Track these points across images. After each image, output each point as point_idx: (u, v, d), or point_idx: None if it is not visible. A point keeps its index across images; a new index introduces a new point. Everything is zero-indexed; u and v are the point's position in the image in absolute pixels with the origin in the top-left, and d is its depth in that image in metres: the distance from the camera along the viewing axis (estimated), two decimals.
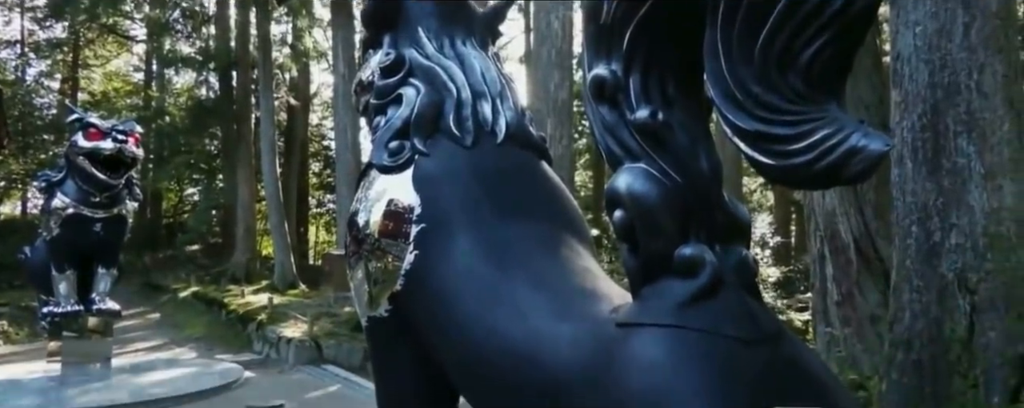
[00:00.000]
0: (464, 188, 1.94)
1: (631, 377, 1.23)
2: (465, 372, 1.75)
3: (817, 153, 1.06)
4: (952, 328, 3.82)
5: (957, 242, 3.93)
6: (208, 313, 12.70)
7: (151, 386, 6.73)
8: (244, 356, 8.98)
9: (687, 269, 1.28)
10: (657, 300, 1.31)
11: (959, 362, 3.74)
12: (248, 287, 14.33)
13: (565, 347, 1.43)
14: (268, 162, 15.92)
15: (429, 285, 1.85)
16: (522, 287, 1.68)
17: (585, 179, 21.41)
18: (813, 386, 1.27)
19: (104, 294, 7.34)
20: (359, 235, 2.07)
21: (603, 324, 1.41)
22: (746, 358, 1.22)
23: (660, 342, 1.25)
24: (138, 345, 10.38)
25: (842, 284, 5.79)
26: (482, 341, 1.63)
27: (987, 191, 3.91)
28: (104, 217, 6.94)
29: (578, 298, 1.60)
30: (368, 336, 2.16)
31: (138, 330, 12.08)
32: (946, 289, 3.90)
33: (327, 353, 8.45)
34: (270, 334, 9.38)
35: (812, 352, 1.40)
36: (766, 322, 1.29)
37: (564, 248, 1.86)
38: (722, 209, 1.34)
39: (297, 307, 11.08)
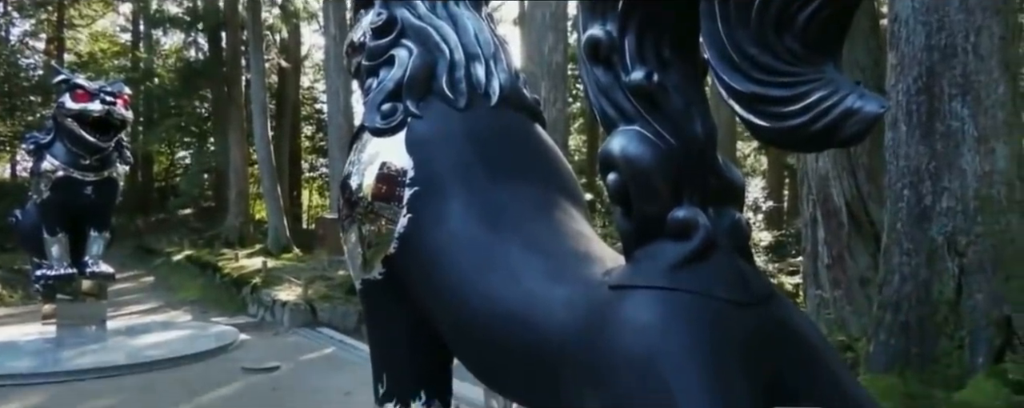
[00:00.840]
0: (457, 151, 1.93)
1: (623, 339, 1.24)
2: (459, 334, 1.76)
3: (813, 115, 1.05)
4: (940, 290, 3.87)
5: (948, 205, 3.96)
6: (202, 276, 12.73)
7: (147, 348, 6.78)
8: (239, 319, 9.04)
9: (680, 232, 1.28)
10: (650, 262, 1.31)
11: (946, 323, 3.80)
12: (242, 251, 14.35)
13: (558, 310, 1.44)
14: (259, 125, 15.78)
15: (422, 248, 1.85)
16: (516, 250, 1.68)
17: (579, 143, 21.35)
18: (803, 348, 1.28)
19: (97, 257, 7.34)
20: (352, 198, 2.06)
21: (596, 286, 1.42)
22: (737, 320, 1.23)
23: (652, 304, 1.26)
24: (133, 308, 10.43)
25: (833, 247, 5.84)
26: (476, 304, 1.63)
27: (980, 154, 3.93)
28: (95, 180, 6.90)
29: (571, 261, 1.61)
30: (362, 298, 2.17)
31: (132, 293, 12.12)
32: (935, 252, 3.94)
33: (322, 316, 8.51)
34: (265, 297, 9.42)
35: (803, 314, 1.41)
36: (758, 285, 1.30)
37: (557, 211, 1.86)
38: (716, 172, 1.34)
39: (291, 271, 11.12)
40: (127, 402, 5.01)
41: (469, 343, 1.73)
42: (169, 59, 23.57)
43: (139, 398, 5.13)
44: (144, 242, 18.08)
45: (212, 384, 5.55)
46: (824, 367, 1.27)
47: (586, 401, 1.30)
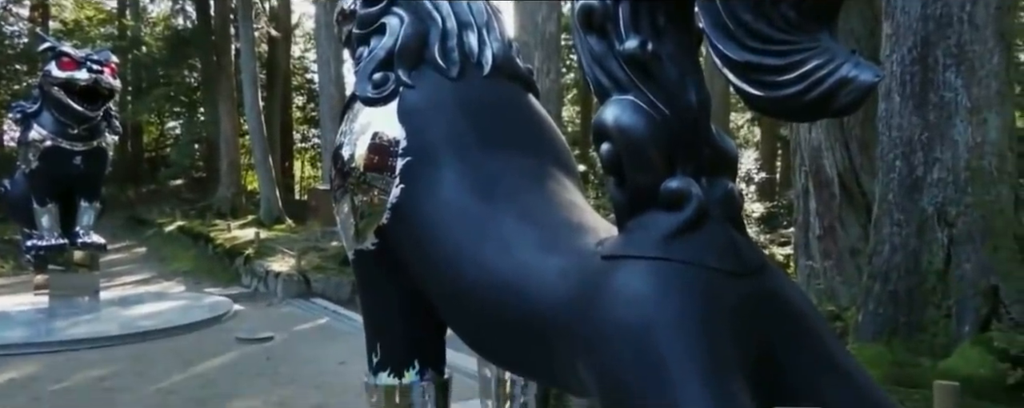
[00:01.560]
0: (450, 121, 1.91)
1: (616, 309, 1.24)
2: (452, 304, 1.77)
3: (807, 84, 1.05)
4: (929, 260, 3.91)
5: (939, 176, 3.98)
6: (194, 247, 12.72)
7: (140, 318, 6.80)
8: (232, 290, 9.06)
9: (673, 202, 1.28)
10: (642, 232, 1.31)
11: (934, 293, 3.85)
12: (234, 222, 14.31)
13: (552, 280, 1.44)
14: (250, 95, 15.61)
15: (415, 219, 1.85)
16: (509, 220, 1.68)
17: (572, 114, 21.26)
18: (793, 317, 1.29)
19: (88, 228, 7.31)
20: (344, 168, 2.05)
21: (589, 257, 1.42)
22: (729, 289, 1.23)
23: (644, 274, 1.26)
24: (125, 279, 10.43)
25: (824, 218, 5.87)
26: (469, 274, 1.64)
27: (972, 125, 3.93)
28: (83, 150, 6.85)
29: (564, 231, 1.61)
30: (355, 268, 2.17)
31: (124, 264, 12.11)
32: (926, 222, 3.97)
33: (315, 287, 8.54)
34: (258, 268, 9.43)
35: (794, 284, 1.42)
36: (749, 255, 1.31)
37: (551, 181, 1.86)
38: (709, 142, 1.34)
39: (284, 242, 11.12)
40: (121, 372, 5.04)
41: (462, 313, 1.74)
42: (156, 27, 23.18)
43: (133, 368, 5.15)
44: (135, 213, 18.01)
45: (206, 354, 5.58)
46: (814, 336, 1.29)
47: (579, 370, 1.31)
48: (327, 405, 4.23)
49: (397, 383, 2.07)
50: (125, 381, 4.79)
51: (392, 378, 2.08)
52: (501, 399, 2.40)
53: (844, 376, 1.25)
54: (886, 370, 3.42)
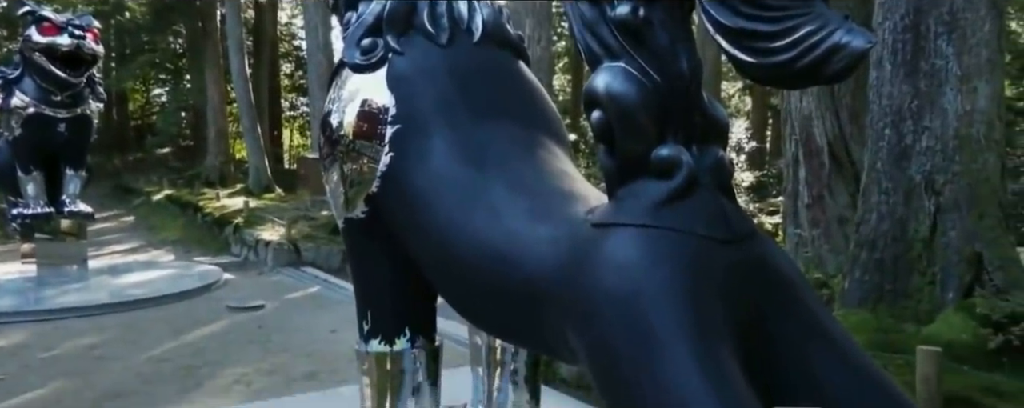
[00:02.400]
0: (440, 88, 1.89)
1: (605, 276, 1.25)
2: (443, 273, 1.77)
3: (799, 51, 1.04)
4: (916, 228, 3.95)
5: (928, 145, 3.99)
6: (183, 216, 12.66)
7: (130, 287, 6.79)
8: (222, 259, 9.05)
9: (663, 170, 1.27)
10: (632, 200, 1.31)
11: (919, 260, 3.90)
12: (223, 190, 14.24)
13: (542, 248, 1.44)
14: (236, 62, 15.38)
15: (405, 187, 1.84)
16: (499, 189, 1.67)
17: (563, 83, 21.13)
18: (781, 284, 1.30)
19: (74, 196, 7.25)
20: (333, 136, 2.03)
21: (579, 225, 1.42)
22: (718, 257, 1.24)
23: (633, 241, 1.26)
24: (114, 247, 10.39)
25: (813, 187, 5.91)
26: (459, 243, 1.63)
27: (962, 93, 3.94)
28: (67, 117, 6.76)
29: (555, 199, 1.60)
30: (345, 237, 2.17)
31: (113, 233, 12.05)
32: (913, 191, 4.00)
33: (306, 256, 8.54)
34: (247, 237, 9.41)
35: (782, 251, 1.43)
36: (739, 222, 1.31)
37: (541, 150, 1.85)
38: (700, 110, 1.33)
39: (274, 211, 11.08)
40: (111, 340, 5.05)
41: (452, 281, 1.74)
42: None
43: (123, 336, 5.17)
44: (122, 181, 17.86)
45: (197, 322, 5.60)
46: (801, 303, 1.30)
47: (569, 337, 1.32)
48: (319, 373, 4.26)
49: (388, 350, 2.09)
50: (116, 349, 4.81)
51: (383, 345, 2.09)
52: (492, 366, 2.43)
53: (830, 342, 1.27)
54: (871, 336, 3.48)
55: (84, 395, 3.86)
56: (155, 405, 3.70)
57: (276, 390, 3.90)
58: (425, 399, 2.14)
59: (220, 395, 3.90)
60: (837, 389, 1.23)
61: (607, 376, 1.21)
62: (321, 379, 4.11)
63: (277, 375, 4.24)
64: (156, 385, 4.05)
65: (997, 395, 2.91)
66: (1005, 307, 3.42)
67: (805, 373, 1.25)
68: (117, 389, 3.96)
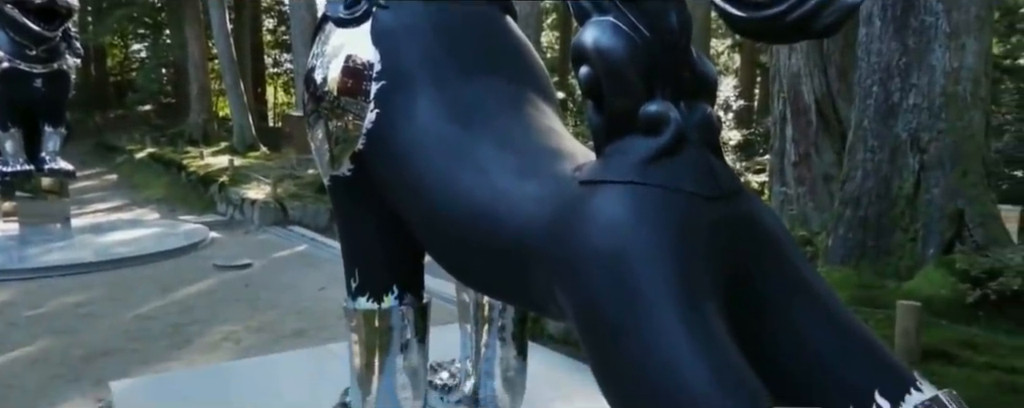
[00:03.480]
0: (425, 43, 1.86)
1: (592, 234, 1.25)
2: (430, 231, 1.77)
3: (789, 4, 1.02)
4: (900, 186, 3.98)
5: (915, 102, 4.00)
6: (167, 174, 12.53)
7: (115, 246, 6.75)
8: (208, 217, 9.00)
9: (651, 126, 1.27)
10: (619, 157, 1.30)
11: (902, 217, 3.94)
12: (206, 148, 14.07)
13: (529, 206, 1.44)
14: (217, 16, 15.02)
15: (391, 144, 1.82)
16: (486, 146, 1.66)
17: (552, 40, 20.87)
18: (766, 240, 1.31)
19: (54, 153, 7.15)
20: (317, 93, 1.99)
21: (566, 182, 1.41)
22: (704, 214, 1.24)
23: (620, 199, 1.26)
24: (97, 206, 10.29)
25: (800, 145, 5.93)
26: (446, 201, 1.63)
27: (950, 50, 3.93)
28: (44, 72, 6.62)
29: (542, 157, 1.59)
30: (331, 195, 2.15)
31: (95, 191, 11.93)
32: (899, 148, 4.02)
33: (292, 215, 8.51)
34: (233, 196, 9.35)
35: (768, 208, 1.43)
36: (726, 179, 1.31)
37: (528, 106, 1.83)
38: (689, 65, 1.31)
39: (259, 169, 10.99)
40: (97, 298, 5.05)
41: (440, 239, 1.74)
42: None
43: (110, 294, 5.16)
44: (104, 139, 17.60)
45: (184, 281, 5.60)
46: (786, 259, 1.31)
47: (556, 295, 1.33)
48: (307, 330, 4.29)
49: (376, 308, 2.09)
50: (102, 307, 4.81)
51: (371, 303, 2.10)
52: (480, 323, 2.45)
53: (814, 298, 1.28)
54: (853, 292, 3.54)
55: (72, 352, 3.87)
56: (144, 362, 3.71)
57: (265, 347, 3.93)
58: (413, 356, 2.16)
59: (209, 352, 3.92)
60: (820, 344, 1.25)
61: (593, 333, 1.22)
62: (310, 336, 4.14)
63: (265, 333, 4.27)
64: (144, 342, 4.06)
65: (972, 347, 2.99)
66: (984, 263, 3.48)
67: (789, 328, 1.26)
68: (105, 347, 3.97)
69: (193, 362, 3.73)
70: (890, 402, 1.19)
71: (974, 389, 2.52)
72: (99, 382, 3.33)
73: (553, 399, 2.79)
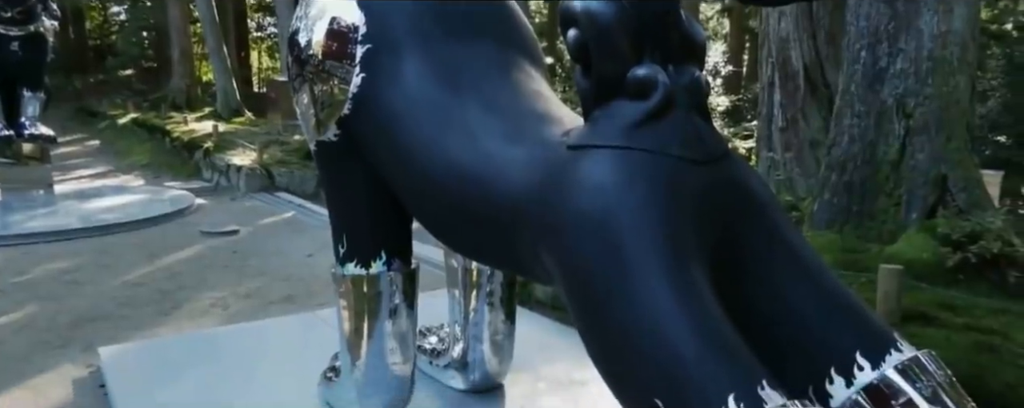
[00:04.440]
0: (412, 6, 1.83)
1: (579, 198, 1.25)
2: (417, 196, 1.76)
3: None
4: (885, 151, 4.00)
5: (902, 67, 4.00)
6: (151, 140, 12.38)
7: (100, 212, 6.70)
8: (193, 184, 8.92)
9: (639, 90, 1.26)
10: (607, 121, 1.30)
11: (887, 182, 3.98)
12: (190, 114, 13.87)
13: (517, 170, 1.44)
14: None
15: (378, 109, 1.80)
16: (474, 110, 1.64)
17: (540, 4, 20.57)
18: (752, 204, 1.32)
19: (34, 119, 7.03)
20: (301, 56, 1.96)
21: (554, 147, 1.41)
22: (692, 178, 1.24)
23: (608, 163, 1.26)
24: (80, 172, 10.17)
25: (788, 110, 5.93)
26: (433, 165, 1.62)
27: (938, 14, 3.92)
28: (20, 35, 6.50)
29: (530, 121, 1.58)
30: (317, 160, 2.14)
31: (78, 157, 11.77)
32: (885, 114, 4.03)
33: (279, 181, 8.45)
34: (218, 162, 9.26)
35: (754, 172, 1.44)
36: (713, 143, 1.31)
37: (516, 71, 1.81)
38: (678, 29, 1.30)
39: (244, 135, 10.86)
40: (84, 265, 5.02)
41: (427, 204, 1.74)
42: None
43: (96, 260, 5.13)
44: (85, 104, 17.31)
45: (171, 247, 5.57)
46: (772, 223, 1.32)
47: (543, 259, 1.33)
48: (296, 296, 4.30)
49: (364, 273, 2.10)
50: (89, 274, 4.79)
51: (359, 269, 2.10)
52: (468, 288, 2.47)
53: (799, 261, 1.30)
54: (836, 256, 3.58)
55: (59, 319, 3.86)
56: (132, 328, 3.72)
57: (253, 313, 3.94)
58: (402, 321, 2.17)
59: (198, 318, 3.93)
60: (803, 306, 1.27)
61: (580, 297, 1.23)
62: (298, 302, 4.15)
63: (254, 299, 4.27)
64: (132, 308, 4.06)
65: (951, 309, 3.04)
66: (965, 227, 3.52)
67: (773, 291, 1.28)
68: (93, 313, 3.97)
69: (181, 328, 3.74)
70: (871, 362, 1.21)
71: (952, 349, 2.57)
72: (88, 348, 3.33)
73: (541, 363, 2.83)
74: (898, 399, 1.17)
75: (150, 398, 2.55)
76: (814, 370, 1.24)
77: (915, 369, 1.20)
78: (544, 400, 2.55)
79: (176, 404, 2.50)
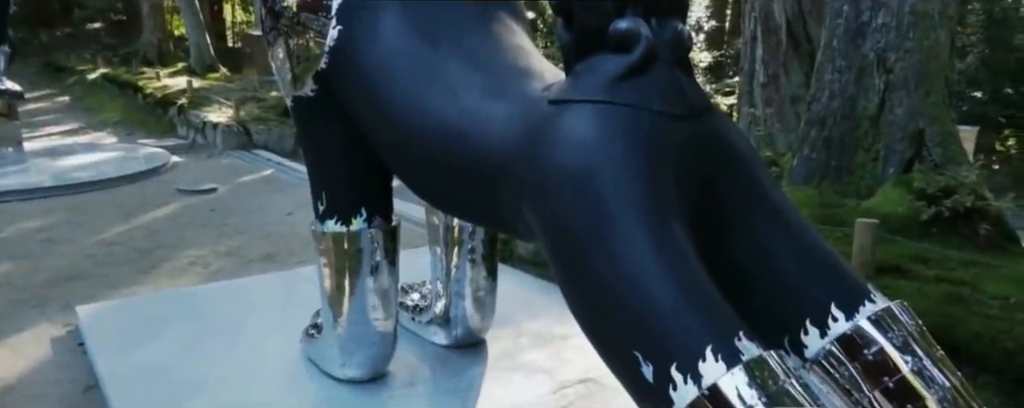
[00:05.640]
0: None
1: (560, 153, 1.24)
2: (397, 152, 1.74)
3: None
4: (864, 106, 4.02)
5: (883, 21, 3.99)
6: (122, 96, 12.08)
7: (73, 170, 6.57)
8: (168, 141, 8.76)
9: (621, 43, 1.24)
10: (589, 76, 1.29)
11: (866, 137, 4.01)
12: (163, 70, 13.53)
13: (497, 126, 1.42)
14: None
15: (356, 63, 1.76)
16: (454, 65, 1.62)
17: None
18: (733, 158, 1.32)
19: (0, 74, 6.82)
20: (276, 8, 1.91)
21: (535, 102, 1.40)
22: (673, 132, 1.24)
23: (589, 118, 1.25)
24: (50, 129, 9.94)
25: (769, 66, 5.92)
26: (413, 120, 1.60)
27: None
28: None
29: (511, 76, 1.56)
30: (294, 116, 2.10)
31: (47, 114, 11.49)
32: (866, 68, 4.03)
33: (257, 138, 8.33)
34: (194, 119, 9.09)
35: (735, 127, 1.44)
36: (695, 97, 1.30)
37: (497, 25, 1.78)
38: None
39: (219, 91, 10.64)
40: (58, 223, 4.95)
41: (407, 160, 1.72)
42: None
43: (71, 219, 5.06)
44: (52, 59, 16.81)
45: (147, 205, 5.50)
46: (752, 178, 1.32)
47: (525, 215, 1.33)
48: (276, 254, 4.28)
49: (345, 230, 2.09)
50: (64, 232, 4.72)
51: (339, 226, 2.09)
52: (450, 245, 2.47)
53: (777, 215, 1.31)
54: (814, 211, 3.63)
55: (35, 278, 3.82)
56: (110, 287, 3.69)
57: (233, 272, 3.92)
58: (384, 278, 2.17)
59: (177, 276, 3.91)
60: (781, 259, 1.29)
61: (561, 252, 1.23)
62: (279, 261, 4.14)
63: (234, 257, 4.25)
64: (110, 267, 4.03)
65: (923, 262, 3.11)
66: (940, 181, 3.58)
67: (752, 244, 1.29)
68: (70, 272, 3.93)
69: (161, 286, 3.72)
70: (845, 313, 1.24)
71: (923, 300, 2.64)
72: (65, 307, 3.31)
73: (523, 318, 2.86)
74: (870, 348, 1.20)
75: (130, 356, 2.55)
76: (790, 322, 1.26)
77: (887, 319, 1.23)
78: (526, 355, 2.59)
79: (158, 362, 2.50)
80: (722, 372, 1.02)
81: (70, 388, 2.56)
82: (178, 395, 2.26)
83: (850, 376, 1.21)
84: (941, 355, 1.23)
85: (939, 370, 1.20)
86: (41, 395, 2.52)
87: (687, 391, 1.03)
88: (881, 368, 1.19)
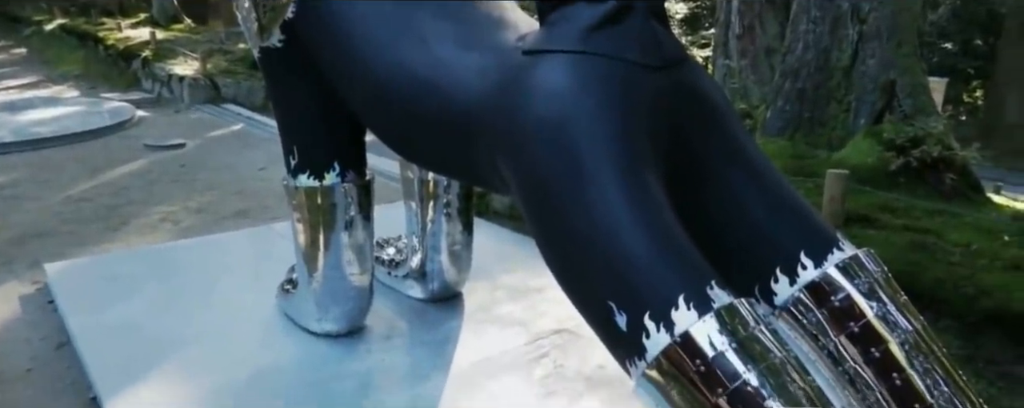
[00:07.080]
0: None
1: (534, 104, 1.23)
2: (369, 104, 1.71)
3: None
4: (838, 57, 4.04)
5: None
6: (82, 48, 11.67)
7: (34, 125, 6.38)
8: (133, 95, 8.52)
9: None
10: (564, 25, 1.27)
11: (838, 89, 4.03)
12: (124, 20, 13.06)
13: (471, 77, 1.40)
14: None
15: (324, 13, 1.71)
16: (425, 14, 1.58)
17: None
18: (708, 109, 1.32)
19: None
20: None
21: (509, 52, 1.37)
22: (647, 83, 1.23)
23: (564, 68, 1.24)
24: (7, 82, 9.60)
25: (745, 17, 5.89)
26: (384, 72, 1.56)
27: None
28: None
29: (484, 26, 1.53)
30: (262, 68, 2.05)
31: (3, 66, 11.08)
32: (840, 19, 4.03)
33: (225, 92, 8.13)
34: (159, 72, 8.83)
35: (710, 78, 1.43)
36: (670, 48, 1.29)
37: None
38: None
39: (184, 43, 10.32)
40: (22, 180, 4.83)
41: (380, 112, 1.69)
42: None
43: (35, 175, 4.93)
44: (6, 9, 16.14)
45: (114, 161, 5.38)
46: (726, 129, 1.33)
47: (500, 167, 1.32)
48: (249, 210, 4.23)
49: (318, 185, 2.06)
50: (28, 189, 4.61)
51: (312, 180, 2.06)
52: (425, 199, 2.45)
53: (751, 166, 1.32)
54: (786, 162, 3.67)
55: (1, 235, 3.74)
56: (79, 244, 3.63)
57: (206, 228, 3.87)
58: (358, 232, 2.16)
59: (148, 233, 3.85)
60: (753, 209, 1.30)
61: (536, 204, 1.23)
62: (252, 217, 4.09)
63: (206, 213, 4.19)
64: (78, 224, 3.95)
65: (891, 211, 3.18)
66: (909, 132, 3.63)
67: (725, 194, 1.30)
68: (37, 229, 3.85)
69: (131, 244, 3.67)
70: (814, 261, 1.26)
71: (889, 248, 2.70)
72: (33, 264, 3.25)
73: (499, 272, 2.88)
74: (837, 294, 1.23)
75: (103, 313, 2.53)
76: (760, 270, 1.29)
77: (854, 267, 1.26)
78: (502, 308, 2.61)
79: (131, 319, 2.48)
80: (694, 320, 1.04)
81: (41, 345, 2.53)
82: (153, 352, 2.25)
83: (817, 322, 1.24)
84: (905, 301, 1.27)
85: (902, 315, 1.23)
86: (11, 352, 2.49)
87: (660, 338, 1.05)
88: (847, 314, 1.22)
